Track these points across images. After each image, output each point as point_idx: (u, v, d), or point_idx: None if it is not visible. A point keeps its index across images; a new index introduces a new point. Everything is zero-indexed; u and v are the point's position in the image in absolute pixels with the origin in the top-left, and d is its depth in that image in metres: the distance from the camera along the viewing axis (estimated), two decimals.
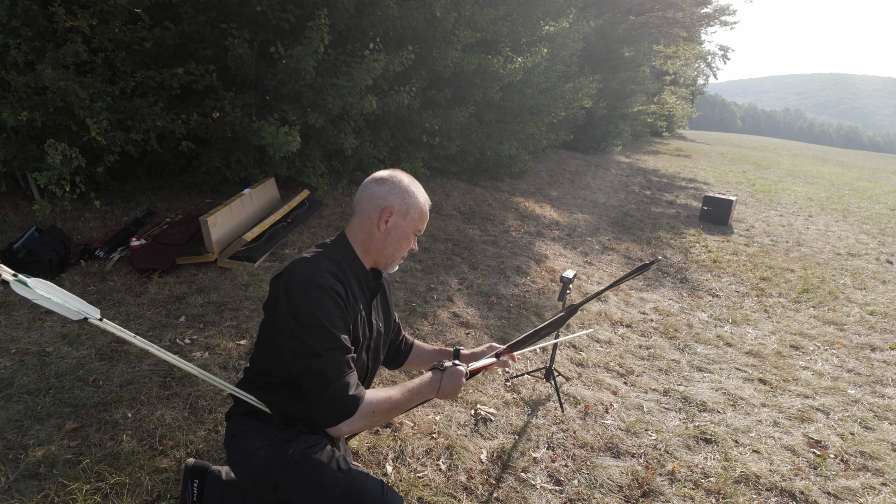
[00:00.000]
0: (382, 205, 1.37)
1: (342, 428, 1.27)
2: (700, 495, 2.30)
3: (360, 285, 1.41)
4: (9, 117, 3.71)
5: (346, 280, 1.33)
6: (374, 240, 1.39)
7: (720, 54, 33.90)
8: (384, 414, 1.31)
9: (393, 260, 1.45)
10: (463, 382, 1.38)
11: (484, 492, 2.18)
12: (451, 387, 1.36)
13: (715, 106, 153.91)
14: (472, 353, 1.70)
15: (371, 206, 1.37)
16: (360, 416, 1.27)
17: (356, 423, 1.27)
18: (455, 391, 1.38)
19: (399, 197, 1.38)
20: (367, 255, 1.42)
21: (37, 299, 1.03)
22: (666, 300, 4.83)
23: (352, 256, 1.39)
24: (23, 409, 2.26)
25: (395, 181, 1.39)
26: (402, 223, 1.39)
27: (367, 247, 1.41)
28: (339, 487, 1.29)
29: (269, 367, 1.38)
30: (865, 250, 7.35)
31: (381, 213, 1.37)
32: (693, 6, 17.81)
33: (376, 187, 1.38)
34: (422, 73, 6.48)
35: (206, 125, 4.95)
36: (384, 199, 1.37)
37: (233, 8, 4.92)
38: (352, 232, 1.41)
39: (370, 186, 1.40)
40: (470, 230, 5.94)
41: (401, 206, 1.38)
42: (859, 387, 3.51)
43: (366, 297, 1.44)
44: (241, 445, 1.37)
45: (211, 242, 3.95)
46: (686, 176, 13.93)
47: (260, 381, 1.41)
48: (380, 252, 1.42)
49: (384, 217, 1.37)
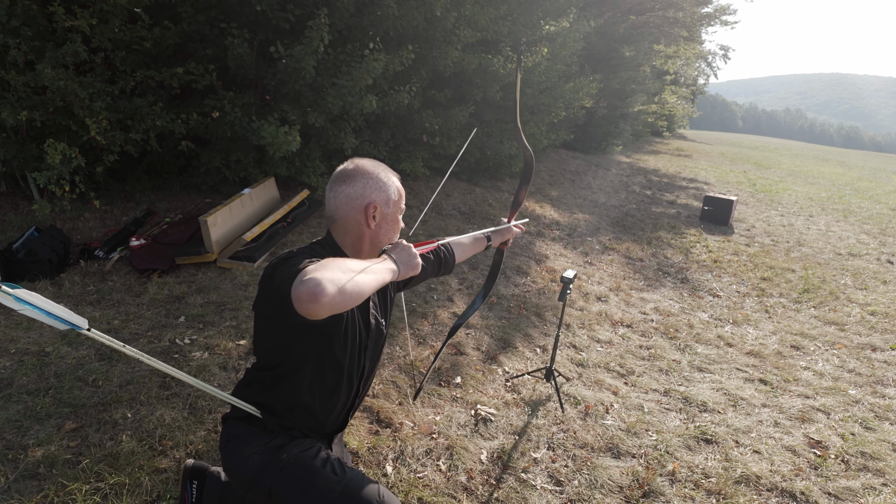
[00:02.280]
0: (363, 203, 1.33)
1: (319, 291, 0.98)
2: (700, 496, 2.30)
3: None
4: (8, 117, 3.70)
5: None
6: (365, 238, 1.37)
7: (721, 54, 33.89)
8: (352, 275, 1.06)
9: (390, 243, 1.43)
10: (413, 252, 1.30)
11: (484, 492, 2.18)
12: (405, 257, 1.27)
13: (716, 106, 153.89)
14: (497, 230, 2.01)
15: (351, 209, 1.33)
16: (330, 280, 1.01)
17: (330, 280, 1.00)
18: (410, 260, 1.27)
19: (376, 188, 1.35)
20: (360, 254, 1.39)
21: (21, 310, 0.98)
22: (666, 300, 4.82)
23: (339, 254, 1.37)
24: (22, 409, 2.26)
25: (364, 173, 1.34)
26: (388, 211, 1.37)
27: (359, 246, 1.38)
28: (334, 491, 1.28)
29: (265, 360, 1.37)
30: (866, 250, 7.34)
31: (366, 211, 1.33)
32: (694, 6, 17.79)
33: (348, 188, 1.33)
34: (422, 72, 6.47)
35: (205, 125, 4.94)
36: (362, 198, 1.33)
37: (233, 7, 4.92)
38: (339, 237, 1.38)
39: (341, 189, 1.34)
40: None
41: (381, 196, 1.35)
42: (860, 387, 3.50)
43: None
44: (236, 450, 1.36)
45: (211, 242, 3.94)
46: (687, 176, 13.92)
47: (258, 376, 1.40)
48: (374, 246, 1.40)
49: (370, 213, 1.34)
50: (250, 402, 1.38)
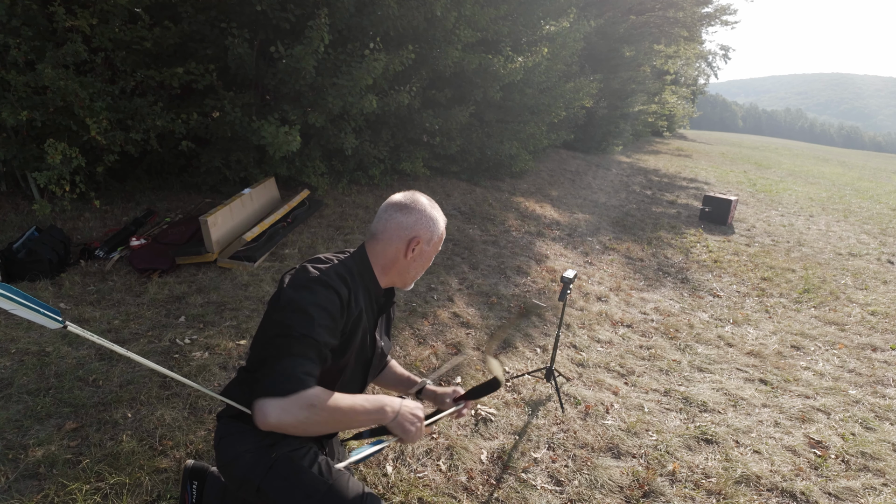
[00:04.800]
0: (410, 235, 1.37)
1: (269, 410, 1.07)
2: (701, 496, 2.30)
3: (368, 299, 1.40)
4: (9, 117, 3.70)
5: (353, 287, 1.32)
6: (397, 266, 1.40)
7: (721, 54, 33.89)
8: (324, 414, 1.13)
9: (413, 280, 1.48)
10: (420, 425, 1.32)
11: (484, 492, 2.18)
12: (409, 417, 1.28)
13: (716, 105, 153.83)
14: (433, 392, 1.62)
15: (397, 236, 1.37)
16: (297, 402, 1.09)
17: (289, 409, 1.08)
18: (410, 427, 1.29)
19: (425, 226, 1.38)
20: (386, 276, 1.42)
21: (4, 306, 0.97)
22: (667, 300, 4.82)
23: (368, 272, 1.39)
24: (23, 409, 2.26)
25: (420, 209, 1.38)
26: (427, 249, 1.41)
27: (388, 270, 1.41)
28: (319, 492, 1.29)
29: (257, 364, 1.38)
30: (866, 250, 7.34)
31: (409, 243, 1.37)
32: (694, 6, 17.79)
33: (402, 217, 1.37)
34: (422, 72, 6.47)
35: (205, 125, 4.94)
36: (411, 230, 1.37)
37: (233, 7, 4.92)
38: (374, 254, 1.40)
39: (395, 216, 1.37)
40: (470, 230, 5.93)
41: (427, 234, 1.39)
42: (860, 387, 3.50)
43: (373, 311, 1.43)
44: (229, 448, 1.37)
45: (211, 242, 3.94)
46: (687, 176, 13.92)
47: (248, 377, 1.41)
48: (401, 275, 1.43)
49: (412, 247, 1.37)
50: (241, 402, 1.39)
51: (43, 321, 1.04)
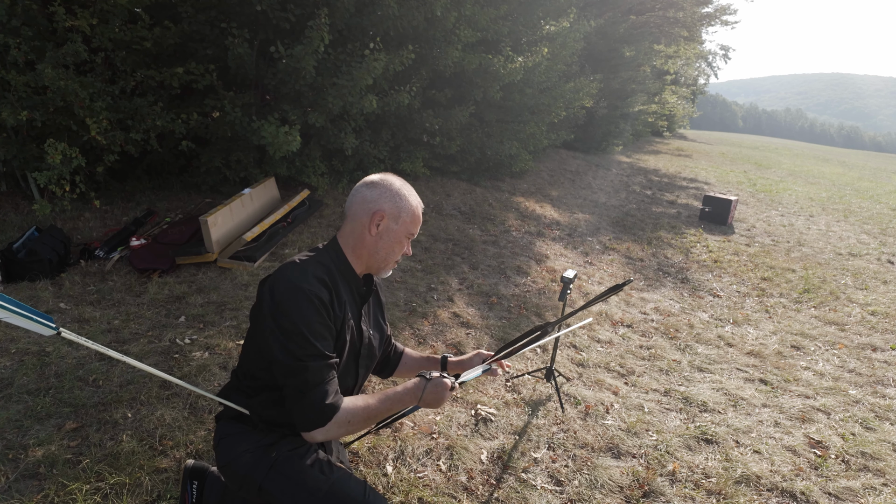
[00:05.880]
0: (373, 209, 1.35)
1: (316, 435, 1.27)
2: (701, 496, 2.30)
3: (350, 291, 1.39)
4: (9, 117, 3.70)
5: (333, 285, 1.31)
6: (365, 244, 1.38)
7: (721, 54, 33.92)
8: (361, 422, 1.30)
9: (386, 265, 1.44)
10: (447, 395, 1.35)
11: (484, 492, 2.18)
12: (433, 396, 1.34)
13: (716, 105, 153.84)
14: (459, 361, 1.67)
15: (362, 210, 1.36)
16: (336, 424, 1.26)
17: (331, 430, 1.27)
18: (438, 402, 1.35)
19: (390, 200, 1.36)
20: (359, 260, 1.40)
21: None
22: (667, 300, 4.82)
23: (343, 262, 1.38)
24: (23, 409, 2.26)
25: (386, 184, 1.37)
26: (394, 227, 1.38)
27: (359, 252, 1.39)
28: (321, 490, 1.30)
29: (252, 370, 1.38)
30: (866, 250, 7.34)
31: (372, 217, 1.35)
32: (694, 6, 17.80)
33: (367, 191, 1.37)
34: (422, 72, 6.47)
35: (206, 125, 4.94)
36: (375, 203, 1.35)
37: (233, 7, 4.92)
38: (343, 237, 1.40)
39: (361, 191, 1.38)
40: (470, 230, 5.93)
41: (392, 209, 1.36)
42: (860, 387, 3.50)
43: (356, 303, 1.43)
44: (229, 448, 1.38)
45: (211, 242, 3.94)
46: (687, 176, 13.92)
47: (242, 384, 1.41)
48: (371, 256, 1.40)
49: (375, 221, 1.35)
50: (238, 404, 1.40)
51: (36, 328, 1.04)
